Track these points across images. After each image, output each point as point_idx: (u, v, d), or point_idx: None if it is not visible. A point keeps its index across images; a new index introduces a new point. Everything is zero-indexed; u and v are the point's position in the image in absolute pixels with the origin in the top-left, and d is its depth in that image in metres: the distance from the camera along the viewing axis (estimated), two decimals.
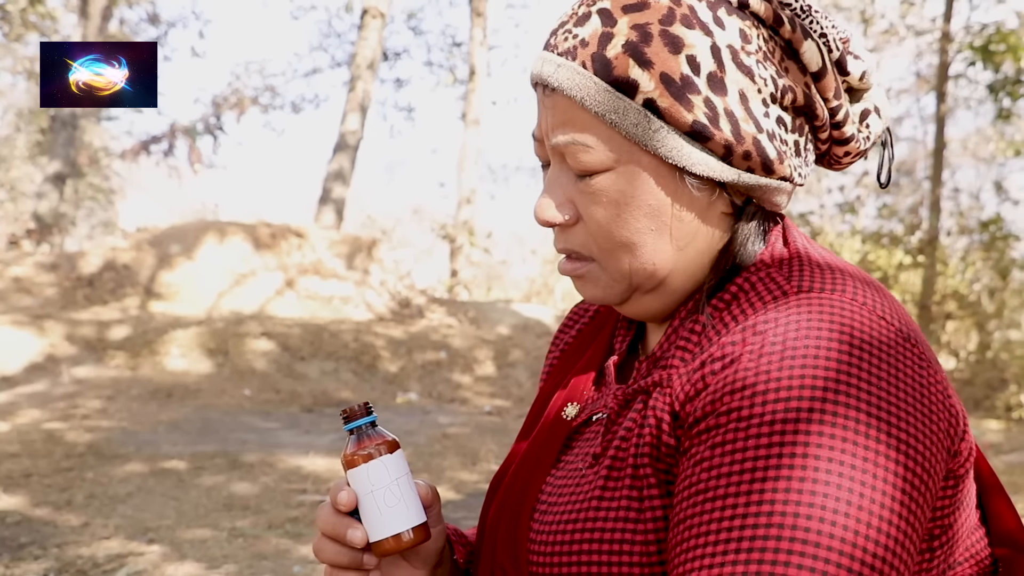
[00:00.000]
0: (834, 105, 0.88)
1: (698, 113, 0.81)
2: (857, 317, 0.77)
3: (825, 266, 0.84)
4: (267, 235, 10.99)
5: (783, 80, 0.85)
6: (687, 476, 0.76)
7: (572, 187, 0.87)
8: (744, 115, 0.82)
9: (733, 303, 0.83)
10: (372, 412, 0.93)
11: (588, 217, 0.86)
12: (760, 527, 0.70)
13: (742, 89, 0.82)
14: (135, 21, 19.84)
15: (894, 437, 0.72)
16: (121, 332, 8.57)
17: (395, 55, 20.77)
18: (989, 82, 10.90)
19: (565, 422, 0.95)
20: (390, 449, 0.91)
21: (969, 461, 0.81)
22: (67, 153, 13.79)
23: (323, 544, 0.91)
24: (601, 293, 0.90)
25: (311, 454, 5.80)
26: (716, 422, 0.75)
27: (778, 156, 0.84)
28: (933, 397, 0.76)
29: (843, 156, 0.93)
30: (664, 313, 0.91)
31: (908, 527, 0.72)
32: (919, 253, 12.15)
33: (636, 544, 0.79)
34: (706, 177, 0.83)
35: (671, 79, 0.81)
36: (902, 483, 0.71)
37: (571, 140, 0.84)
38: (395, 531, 0.89)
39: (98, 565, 3.66)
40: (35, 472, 5.07)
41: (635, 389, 0.86)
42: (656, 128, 0.81)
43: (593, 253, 0.88)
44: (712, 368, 0.78)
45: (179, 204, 24.54)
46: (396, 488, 0.89)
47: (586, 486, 0.85)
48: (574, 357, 1.05)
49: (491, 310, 11.73)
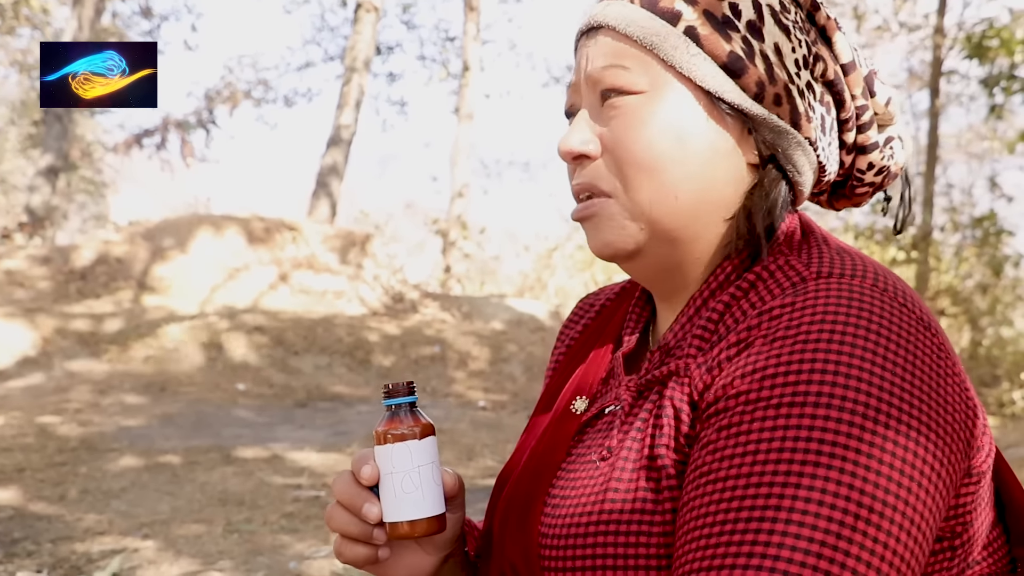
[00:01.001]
0: (860, 104, 0.89)
1: (736, 46, 0.84)
2: (876, 302, 0.75)
3: (844, 252, 0.83)
4: (261, 229, 10.95)
5: (816, 49, 0.87)
6: (694, 460, 0.75)
7: (600, 118, 0.87)
8: (778, 62, 0.84)
9: (751, 290, 0.82)
10: (414, 392, 0.91)
11: (614, 142, 0.85)
12: (757, 509, 0.68)
13: (778, 43, 0.85)
14: (128, 15, 19.77)
15: (905, 424, 0.70)
16: (114, 326, 8.54)
17: (388, 49, 20.72)
18: (982, 78, 10.91)
19: (575, 416, 0.93)
20: (422, 434, 0.89)
21: (990, 457, 0.80)
22: (59, 146, 13.73)
23: (337, 512, 0.90)
24: (614, 235, 0.86)
25: (306, 449, 5.78)
26: (725, 405, 0.74)
27: (806, 114, 0.86)
28: (951, 388, 0.74)
29: (866, 170, 0.93)
30: (674, 280, 0.89)
31: (920, 519, 0.69)
32: (912, 249, 12.18)
33: (653, 536, 0.78)
34: (737, 107, 0.84)
35: (713, 14, 0.84)
36: (914, 472, 0.69)
37: (608, 63, 0.85)
38: (407, 517, 0.87)
39: (92, 561, 3.64)
40: (28, 467, 5.05)
41: (648, 380, 0.85)
42: (694, 53, 0.83)
43: (612, 187, 0.86)
44: (728, 354, 0.77)
45: (171, 198, 24.47)
46: (417, 475, 0.88)
47: (600, 478, 0.83)
48: (581, 352, 1.03)
49: (485, 305, 11.72)
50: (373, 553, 0.91)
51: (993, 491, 0.84)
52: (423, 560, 0.95)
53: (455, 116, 16.80)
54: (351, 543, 0.90)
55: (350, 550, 0.91)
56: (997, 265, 11.85)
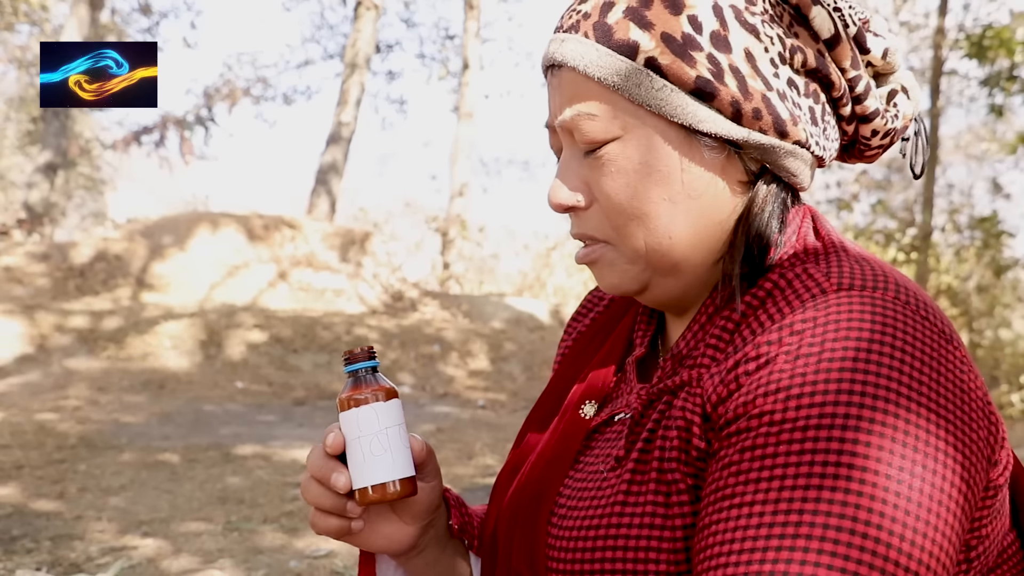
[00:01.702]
0: (852, 75, 0.85)
1: (701, 69, 0.79)
2: (900, 316, 0.73)
3: (864, 260, 0.81)
4: (260, 227, 10.95)
5: (791, 41, 0.82)
6: (714, 480, 0.73)
7: (583, 167, 0.85)
8: (751, 71, 0.80)
9: (768, 300, 0.79)
10: (374, 357, 0.90)
11: (600, 193, 0.84)
12: (787, 537, 0.67)
13: (747, 47, 0.80)
14: (127, 11, 19.74)
15: (933, 445, 0.69)
16: (113, 323, 8.52)
17: (388, 47, 20.71)
18: (982, 78, 10.91)
19: (584, 421, 0.91)
20: (386, 397, 0.88)
21: (1008, 471, 0.78)
22: (58, 143, 13.71)
23: (309, 484, 0.89)
24: (618, 279, 0.86)
25: (305, 447, 5.77)
26: (747, 425, 0.72)
27: (791, 117, 0.81)
28: (974, 403, 0.73)
29: (871, 136, 0.89)
30: (685, 301, 0.88)
31: (944, 539, 0.68)
32: (912, 250, 12.18)
33: (663, 552, 0.76)
34: (715, 136, 0.80)
35: (672, 37, 0.79)
36: (943, 497, 0.68)
37: (576, 112, 0.82)
38: (378, 480, 0.86)
39: (92, 559, 3.62)
40: (27, 464, 5.03)
41: (660, 389, 0.83)
42: (659, 87, 0.79)
43: (607, 235, 0.85)
44: (746, 368, 0.75)
45: (170, 195, 24.44)
46: (384, 437, 0.86)
47: (608, 490, 0.81)
48: (589, 347, 1.02)
49: (484, 304, 11.71)
50: (346, 524, 0.90)
51: (1009, 499, 0.83)
52: (401, 530, 0.94)
53: (455, 114, 16.79)
54: (324, 515, 0.90)
55: (323, 521, 0.90)
56: (998, 268, 11.85)
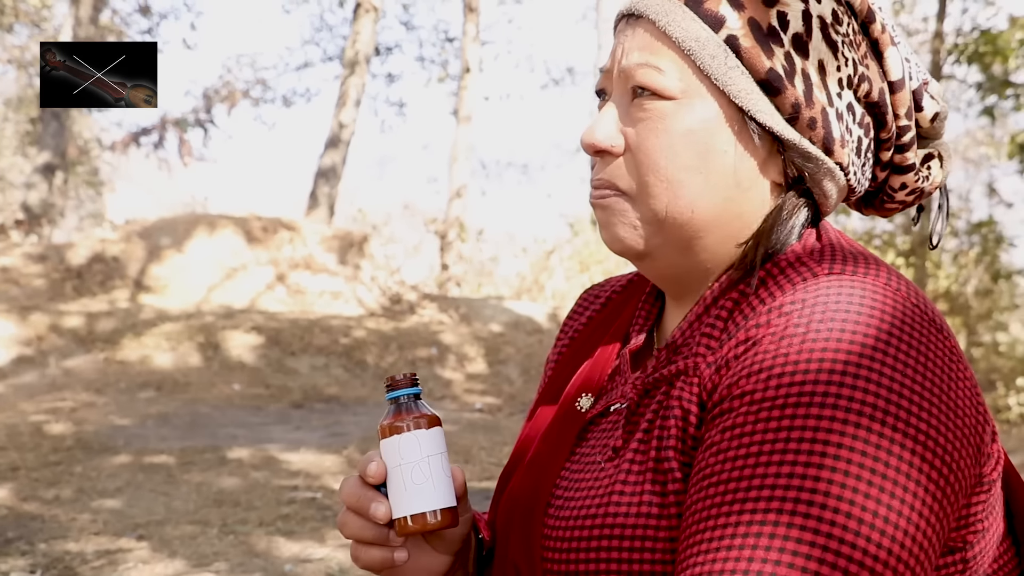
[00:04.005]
0: (903, 124, 0.86)
1: (776, 63, 0.80)
2: (889, 301, 0.74)
3: (858, 253, 0.81)
4: (258, 229, 10.93)
5: (863, 70, 0.83)
6: (698, 462, 0.74)
7: (628, 115, 0.84)
8: (819, 82, 0.81)
9: (762, 288, 0.80)
10: (417, 384, 0.88)
11: (638, 144, 0.83)
12: (759, 512, 0.67)
13: (823, 60, 0.81)
14: (127, 12, 19.72)
15: (913, 427, 0.68)
16: (109, 324, 8.51)
17: (387, 50, 20.70)
18: (978, 83, 10.92)
19: (580, 414, 0.91)
20: (428, 425, 0.86)
21: (1000, 465, 0.78)
22: (56, 144, 13.69)
23: (347, 518, 0.87)
24: (625, 234, 0.85)
25: (302, 450, 5.76)
26: (730, 405, 0.73)
27: (840, 139, 0.82)
28: (961, 392, 0.73)
29: (898, 189, 0.90)
30: (683, 284, 0.87)
31: (927, 525, 0.68)
32: (910, 254, 12.18)
33: (659, 540, 0.76)
34: (768, 129, 0.81)
35: (758, 25, 0.80)
36: (920, 477, 0.68)
37: (644, 61, 0.82)
38: (419, 510, 0.84)
39: (86, 561, 3.61)
40: (22, 465, 5.02)
41: (656, 378, 0.83)
42: (732, 66, 0.80)
43: (631, 188, 0.84)
44: (736, 352, 0.75)
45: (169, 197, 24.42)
46: (426, 466, 0.85)
47: (605, 479, 0.81)
48: (586, 345, 1.01)
49: (482, 307, 11.69)
50: (389, 556, 0.88)
51: (1003, 501, 0.83)
52: (436, 560, 0.92)
53: (454, 117, 16.78)
54: (366, 547, 0.88)
55: (366, 554, 0.88)
56: (996, 272, 11.86)
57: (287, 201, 29.85)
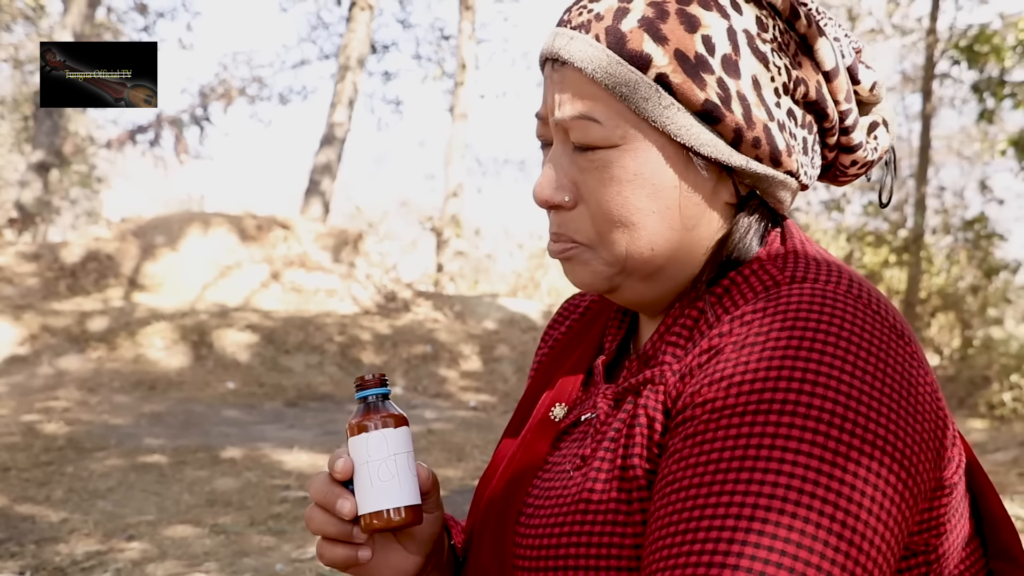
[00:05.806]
0: (844, 108, 0.86)
1: (710, 93, 0.79)
2: (849, 308, 0.74)
3: (821, 260, 0.82)
4: (253, 227, 10.92)
5: (796, 72, 0.83)
6: (661, 470, 0.75)
7: (574, 166, 0.85)
8: (756, 101, 0.81)
9: (725, 296, 0.81)
10: (386, 384, 0.90)
11: (588, 195, 0.84)
12: (718, 518, 0.67)
13: (755, 75, 0.81)
14: (123, 10, 19.68)
15: (872, 432, 0.69)
16: (103, 323, 8.50)
17: (383, 48, 20.67)
18: (973, 82, 10.92)
19: (553, 423, 0.92)
20: (396, 424, 0.88)
21: (961, 468, 0.79)
22: (52, 141, 13.67)
23: (313, 512, 0.88)
24: (590, 278, 0.87)
25: (295, 449, 5.76)
26: (692, 414, 0.74)
27: (787, 148, 0.83)
28: (921, 397, 0.73)
29: (849, 166, 0.91)
30: (656, 304, 0.89)
31: (885, 529, 0.68)
32: (904, 251, 12.20)
33: (625, 548, 0.77)
34: (713, 160, 0.81)
35: (685, 56, 0.79)
36: (879, 482, 0.68)
37: (578, 114, 0.82)
38: (384, 506, 0.85)
39: (77, 563, 3.61)
40: (13, 466, 5.02)
41: (625, 388, 0.84)
42: (667, 104, 0.80)
43: (589, 238, 0.85)
44: (699, 360, 0.77)
45: (165, 194, 24.41)
46: (393, 463, 0.86)
47: (573, 488, 0.82)
48: (563, 355, 1.03)
49: (477, 304, 11.70)
50: (353, 554, 0.88)
51: (970, 502, 0.84)
52: (406, 560, 0.93)
53: (450, 115, 16.76)
54: (331, 544, 0.89)
55: (330, 551, 0.89)
56: (989, 268, 11.88)
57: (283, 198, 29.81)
